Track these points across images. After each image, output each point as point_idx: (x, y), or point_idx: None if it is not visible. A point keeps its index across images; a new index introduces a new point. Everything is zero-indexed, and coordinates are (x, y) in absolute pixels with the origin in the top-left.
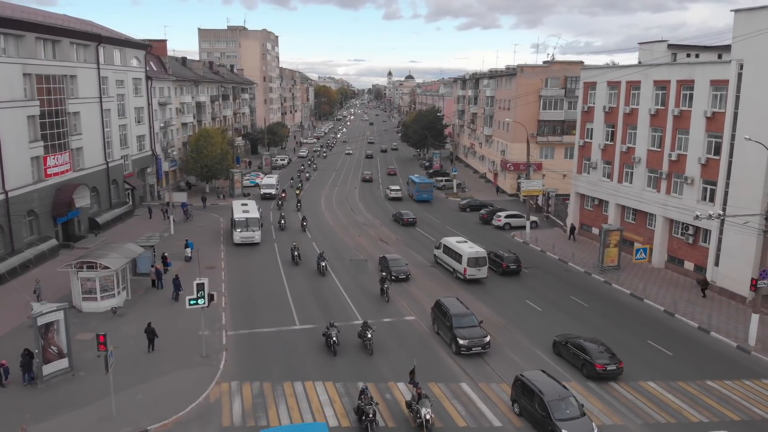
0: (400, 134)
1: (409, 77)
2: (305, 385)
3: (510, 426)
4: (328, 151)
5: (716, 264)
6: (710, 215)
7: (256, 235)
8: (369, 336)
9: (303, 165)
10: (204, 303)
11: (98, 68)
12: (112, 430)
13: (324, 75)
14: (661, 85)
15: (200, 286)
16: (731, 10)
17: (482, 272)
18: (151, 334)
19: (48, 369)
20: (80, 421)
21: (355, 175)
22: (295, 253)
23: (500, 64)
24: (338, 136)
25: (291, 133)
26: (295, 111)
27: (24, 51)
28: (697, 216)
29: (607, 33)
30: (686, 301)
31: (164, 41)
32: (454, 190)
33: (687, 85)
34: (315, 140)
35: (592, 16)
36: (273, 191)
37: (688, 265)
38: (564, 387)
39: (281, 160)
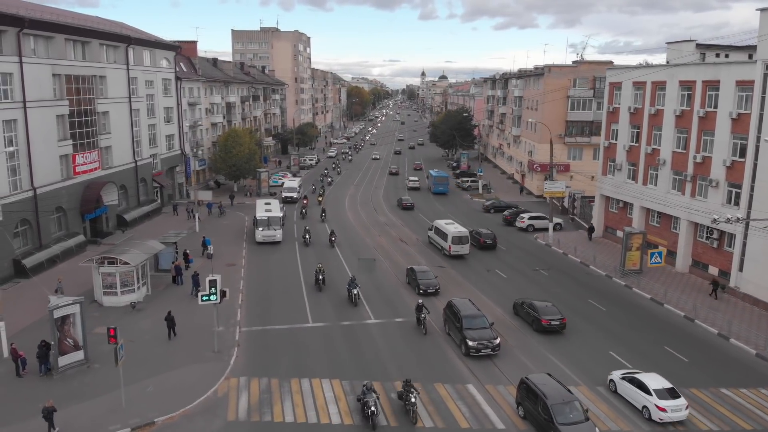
0: (429, 134)
1: (443, 77)
2: (312, 382)
3: (513, 429)
4: (354, 153)
5: (740, 269)
6: (728, 219)
7: (277, 234)
8: (413, 400)
9: (326, 168)
10: (216, 299)
11: (128, 69)
12: (121, 421)
13: (359, 76)
14: (687, 86)
15: (212, 283)
16: (757, 9)
17: (464, 249)
18: (170, 322)
19: (64, 360)
20: (91, 412)
21: (380, 177)
22: (320, 276)
23: (531, 64)
24: (367, 137)
25: (322, 133)
26: (327, 111)
27: (54, 52)
28: (715, 219)
29: (647, 32)
30: (708, 307)
31: (194, 42)
32: (480, 190)
33: (713, 85)
34: (345, 140)
35: (632, 15)
36: (294, 195)
37: (713, 270)
38: (569, 391)
39: (310, 160)
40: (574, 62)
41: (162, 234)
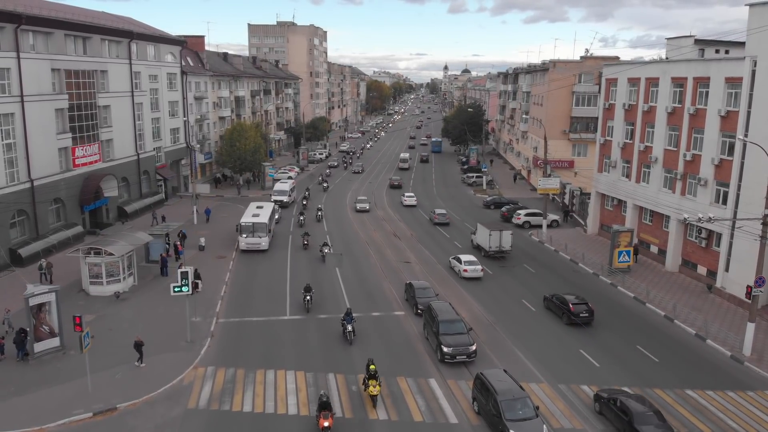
0: (441, 130)
1: (465, 71)
2: (277, 373)
3: (466, 424)
4: (343, 165)
5: (726, 270)
6: (699, 218)
7: (263, 242)
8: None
9: (308, 188)
10: (188, 290)
11: (130, 63)
12: (84, 405)
13: (385, 69)
14: (679, 83)
15: (184, 275)
16: (746, 5)
17: (406, 164)
18: (196, 278)
19: (40, 347)
20: (59, 396)
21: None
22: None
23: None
24: (368, 146)
25: (337, 127)
26: (344, 106)
27: (53, 47)
28: (685, 218)
29: (680, 27)
30: (690, 308)
31: (202, 37)
32: (484, 186)
33: (703, 82)
34: (360, 135)
35: (666, 9)
36: (285, 198)
37: (701, 270)
38: (521, 388)
39: (320, 154)
40: (582, 57)
41: (162, 226)
